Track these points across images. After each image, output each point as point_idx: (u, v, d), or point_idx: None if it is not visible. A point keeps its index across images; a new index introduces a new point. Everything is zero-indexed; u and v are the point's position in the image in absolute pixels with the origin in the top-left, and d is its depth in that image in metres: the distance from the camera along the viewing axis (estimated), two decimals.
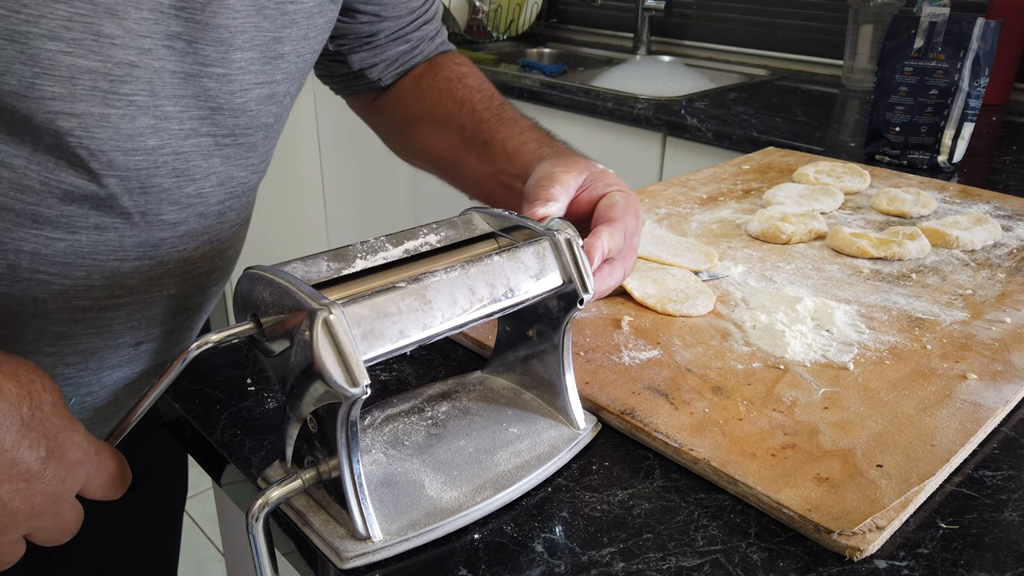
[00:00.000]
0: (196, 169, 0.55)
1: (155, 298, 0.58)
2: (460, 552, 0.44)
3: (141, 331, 0.59)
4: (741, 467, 0.48)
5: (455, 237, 0.50)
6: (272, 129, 0.61)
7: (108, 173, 0.50)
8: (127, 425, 0.47)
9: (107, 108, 0.48)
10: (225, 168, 0.58)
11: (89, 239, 0.52)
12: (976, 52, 1.05)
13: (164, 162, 0.53)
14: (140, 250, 0.55)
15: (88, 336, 0.56)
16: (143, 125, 0.50)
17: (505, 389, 0.57)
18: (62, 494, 0.44)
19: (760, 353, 0.61)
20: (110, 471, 0.47)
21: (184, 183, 0.55)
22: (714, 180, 1.01)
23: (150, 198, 0.53)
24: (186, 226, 0.57)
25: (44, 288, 0.52)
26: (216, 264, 0.62)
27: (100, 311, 0.55)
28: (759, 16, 1.95)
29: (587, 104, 1.61)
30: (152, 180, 0.53)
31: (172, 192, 0.54)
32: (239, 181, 0.60)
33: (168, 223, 0.55)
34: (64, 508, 0.45)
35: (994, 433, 0.54)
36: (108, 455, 0.47)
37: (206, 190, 0.57)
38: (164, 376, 0.44)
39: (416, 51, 0.78)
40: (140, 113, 0.50)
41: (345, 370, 0.38)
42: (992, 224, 0.83)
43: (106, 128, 0.49)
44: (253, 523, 0.42)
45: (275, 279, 0.41)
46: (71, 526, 0.46)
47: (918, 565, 0.42)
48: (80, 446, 0.45)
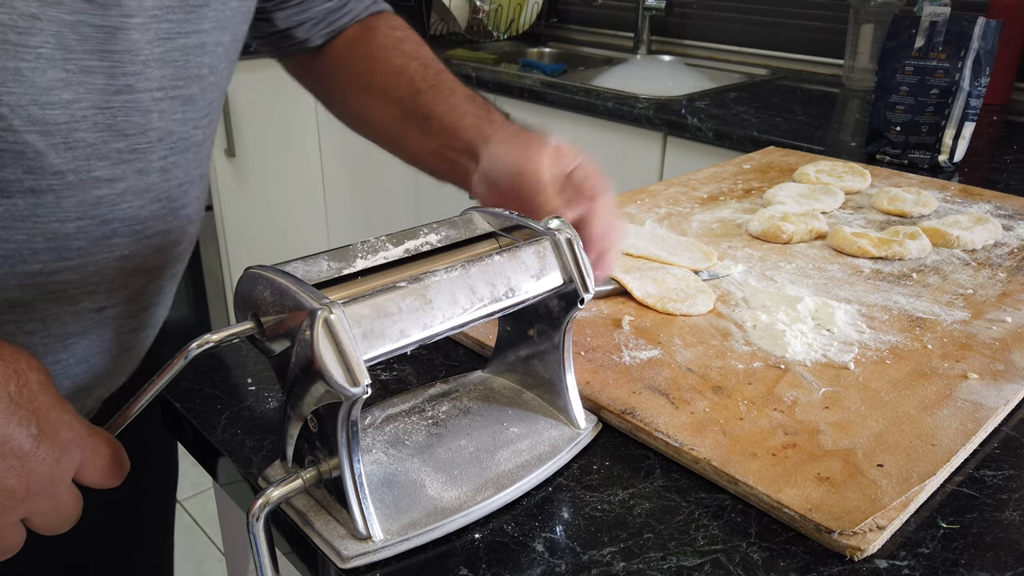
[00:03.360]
0: (127, 125, 0.54)
1: (107, 259, 0.57)
2: (461, 552, 0.44)
3: (100, 295, 0.58)
4: (742, 467, 0.48)
5: (455, 237, 0.50)
6: (208, 81, 0.59)
7: (29, 129, 0.49)
8: (126, 418, 0.46)
9: (19, 61, 0.47)
10: (163, 124, 0.56)
11: (26, 202, 0.52)
12: (977, 52, 1.05)
13: (84, 116, 0.52)
14: (80, 209, 0.54)
15: (44, 302, 0.55)
16: (55, 78, 0.49)
17: (506, 389, 0.57)
18: (57, 475, 0.44)
19: (761, 353, 0.61)
20: (105, 455, 0.46)
21: (113, 138, 0.54)
22: (715, 180, 1.01)
23: (77, 154, 0.52)
24: (125, 183, 0.56)
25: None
26: (170, 224, 0.61)
27: (50, 274, 0.55)
28: (760, 16, 1.95)
29: (587, 104, 1.61)
30: (75, 135, 0.52)
31: (100, 148, 0.53)
32: (180, 136, 0.59)
33: (104, 180, 0.54)
34: (60, 490, 0.44)
35: (995, 433, 0.54)
36: (102, 439, 0.46)
37: (143, 146, 0.56)
38: (164, 373, 0.44)
39: (345, 9, 0.76)
40: (49, 66, 0.49)
41: (346, 369, 0.38)
42: (993, 224, 0.83)
43: (21, 82, 0.48)
44: (254, 523, 0.42)
45: (275, 279, 0.41)
46: (70, 511, 0.46)
47: (919, 565, 0.42)
48: (71, 426, 0.45)
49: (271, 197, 2.35)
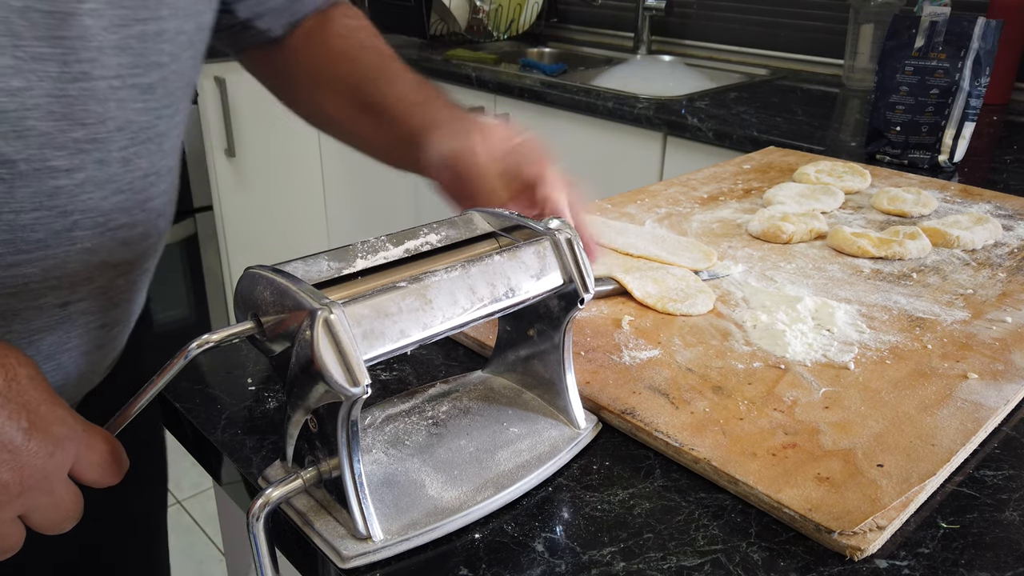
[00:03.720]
0: (84, 114, 0.53)
1: (68, 253, 0.56)
2: (461, 552, 0.44)
3: (63, 290, 0.57)
4: (742, 467, 0.48)
5: (455, 237, 0.50)
6: (169, 70, 0.58)
7: None
8: (125, 418, 0.46)
9: None
10: (122, 113, 0.55)
11: None
12: (977, 52, 1.05)
13: (37, 104, 0.50)
14: (36, 200, 0.53)
15: (3, 296, 0.54)
16: (3, 65, 0.48)
17: (506, 389, 0.57)
18: (51, 469, 0.43)
19: (761, 353, 0.61)
20: (102, 451, 0.46)
21: (69, 127, 0.53)
22: (715, 180, 1.01)
23: (29, 143, 0.51)
24: (84, 173, 0.54)
25: None
26: (136, 217, 0.60)
27: (8, 268, 0.54)
28: (760, 16, 1.95)
29: (587, 104, 1.61)
30: (25, 123, 0.50)
31: (56, 137, 0.52)
32: (141, 126, 0.57)
33: (60, 169, 0.53)
34: (57, 486, 0.44)
35: (995, 433, 0.54)
36: (98, 436, 0.46)
37: (102, 135, 0.55)
38: (164, 373, 0.44)
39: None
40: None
41: (346, 369, 0.38)
42: (993, 224, 0.83)
43: None
44: (254, 523, 0.42)
45: (275, 279, 0.41)
46: (69, 508, 0.45)
47: (919, 565, 0.42)
48: (65, 421, 0.44)
49: (271, 197, 2.35)
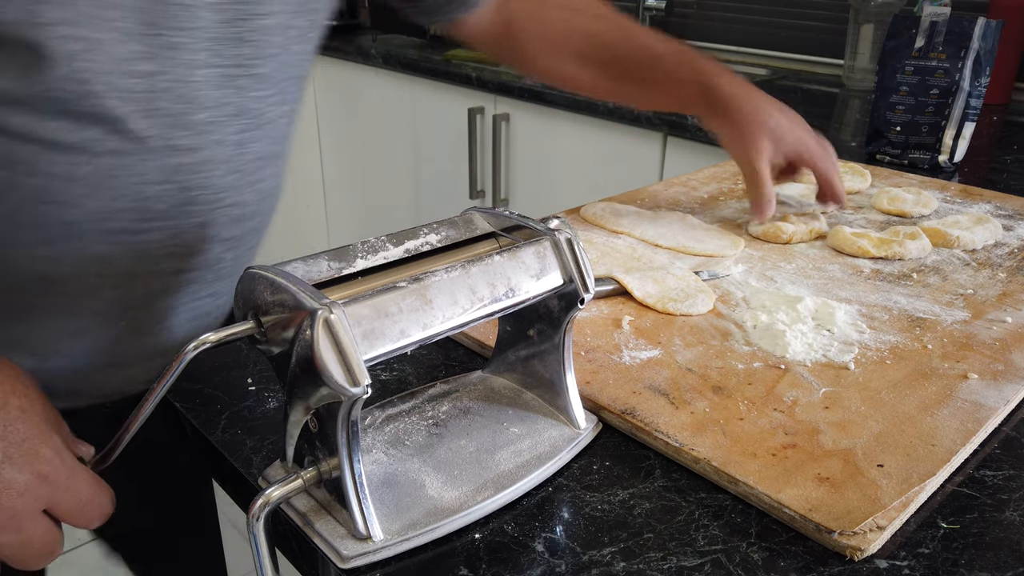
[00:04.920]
0: (206, 98, 0.58)
1: (187, 225, 0.61)
2: (461, 552, 0.44)
3: (179, 258, 0.62)
4: (742, 467, 0.48)
5: (456, 237, 0.50)
6: (279, 61, 0.63)
7: (111, 95, 0.53)
8: (123, 440, 0.46)
9: (100, 33, 0.51)
10: (239, 99, 0.60)
11: (110, 163, 0.55)
12: (977, 52, 1.05)
13: (165, 88, 0.55)
14: (162, 174, 0.58)
15: (127, 260, 0.59)
16: (134, 51, 0.53)
17: (506, 389, 0.57)
18: (21, 507, 0.43)
19: (761, 353, 0.61)
20: (81, 497, 0.46)
21: (192, 110, 0.57)
22: (715, 180, 1.01)
23: (157, 122, 0.56)
24: (203, 152, 0.59)
25: (77, 209, 0.56)
26: (247, 196, 0.65)
27: (133, 234, 0.58)
28: (760, 16, 1.95)
29: (588, 104, 1.61)
30: (155, 104, 0.55)
31: (180, 118, 0.57)
32: (255, 113, 0.62)
33: (183, 148, 0.58)
34: (26, 524, 0.44)
35: (995, 433, 0.54)
36: (81, 479, 0.46)
37: (219, 119, 0.60)
38: (162, 380, 0.44)
39: None
40: (129, 39, 0.52)
41: (346, 370, 0.38)
42: (993, 224, 0.83)
43: (101, 51, 0.51)
44: (254, 523, 0.42)
45: (275, 279, 0.41)
46: (42, 547, 0.45)
47: (919, 565, 0.42)
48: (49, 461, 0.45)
49: None
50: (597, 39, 0.81)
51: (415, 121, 2.09)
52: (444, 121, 1.98)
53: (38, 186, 0.54)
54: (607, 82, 0.84)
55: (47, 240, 0.56)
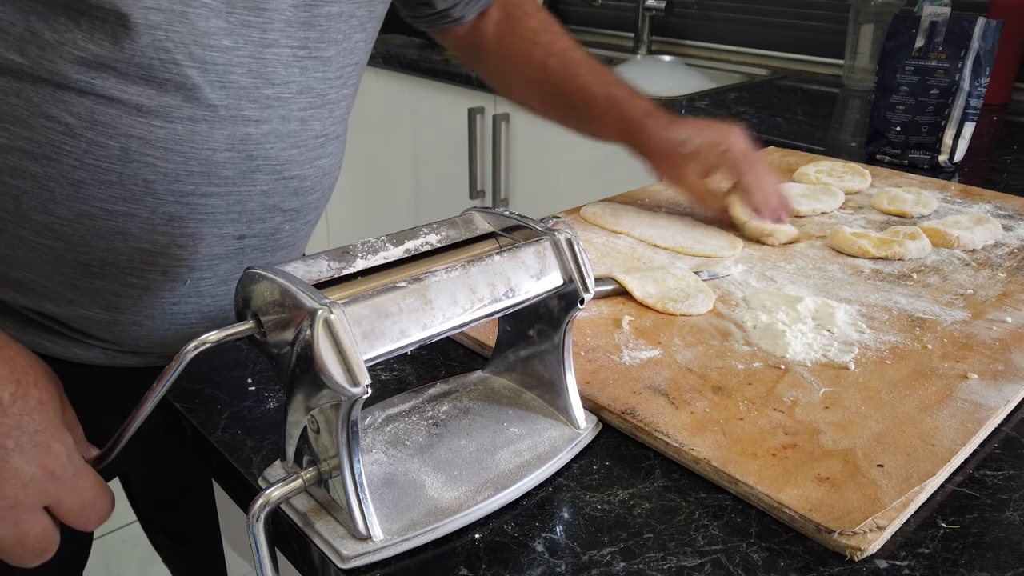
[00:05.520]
0: (275, 75, 0.63)
1: (250, 192, 0.65)
2: (461, 552, 0.44)
3: (242, 224, 0.66)
4: (742, 467, 0.48)
5: (456, 237, 0.50)
6: (342, 47, 0.68)
7: (190, 65, 0.58)
8: (122, 438, 0.46)
9: (186, 7, 0.56)
10: (304, 79, 0.65)
11: (184, 128, 0.60)
12: (977, 52, 1.05)
13: (240, 62, 0.60)
14: (229, 142, 0.62)
15: (194, 221, 0.64)
16: (216, 26, 0.58)
17: (506, 389, 0.57)
18: (22, 500, 0.43)
19: (761, 353, 0.61)
20: (84, 498, 0.46)
21: (263, 85, 0.62)
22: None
23: (230, 93, 0.60)
24: (269, 125, 0.64)
25: (151, 170, 0.60)
26: (307, 171, 0.69)
27: (201, 197, 0.63)
28: (760, 16, 1.95)
29: None
30: (229, 77, 0.60)
31: (251, 91, 0.62)
32: (318, 93, 0.67)
33: (251, 119, 0.63)
34: (24, 518, 0.44)
35: (995, 433, 0.54)
36: (87, 481, 0.46)
37: (286, 95, 0.64)
38: (162, 380, 0.43)
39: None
40: (213, 15, 0.57)
41: (346, 370, 0.38)
42: (993, 224, 0.83)
43: (185, 24, 0.56)
44: (254, 523, 0.42)
45: (276, 279, 0.41)
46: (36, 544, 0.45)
47: (919, 565, 0.42)
48: (58, 457, 0.45)
49: None
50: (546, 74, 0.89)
51: (415, 121, 2.09)
52: (444, 121, 1.98)
53: (119, 147, 0.58)
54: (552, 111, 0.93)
55: (124, 198, 0.60)
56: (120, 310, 0.66)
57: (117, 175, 0.59)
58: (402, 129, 2.13)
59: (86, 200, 0.59)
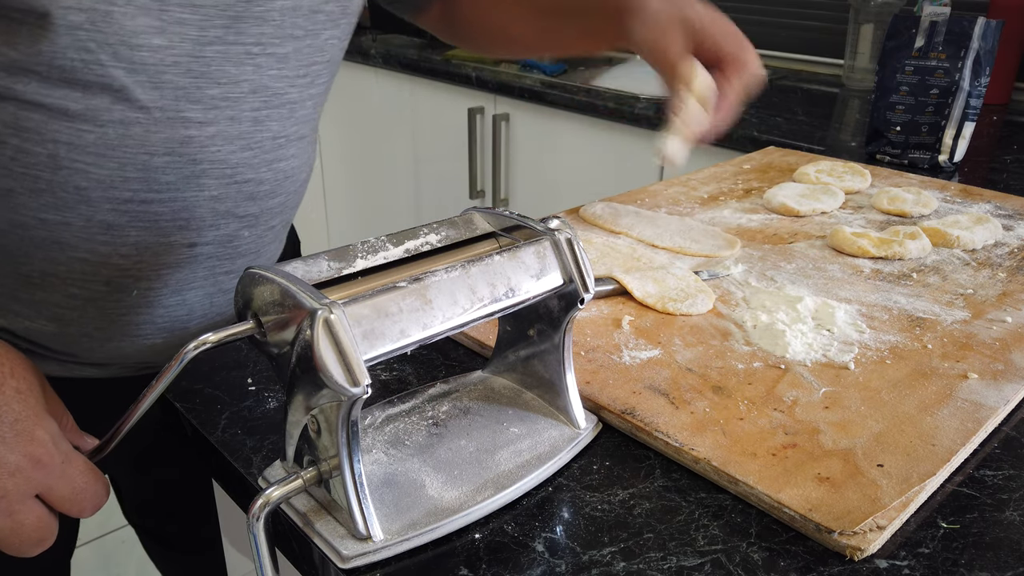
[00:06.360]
0: (221, 74, 0.59)
1: (197, 198, 0.61)
2: (461, 552, 0.44)
3: (191, 231, 0.63)
4: (742, 467, 0.48)
5: (456, 237, 0.50)
6: (304, 43, 0.64)
7: (116, 66, 0.54)
8: (120, 431, 0.46)
9: (110, 5, 0.52)
10: (257, 77, 0.61)
11: (116, 132, 0.56)
12: (977, 51, 1.05)
13: (176, 62, 0.56)
14: (168, 146, 0.58)
15: (136, 229, 0.60)
16: (145, 24, 0.54)
17: (506, 389, 0.57)
18: (11, 490, 0.43)
19: (761, 352, 0.61)
20: (75, 485, 0.46)
21: (205, 84, 0.58)
22: (715, 180, 1.01)
23: (165, 94, 0.57)
24: (215, 127, 0.60)
25: (83, 176, 0.57)
26: (263, 174, 0.65)
27: (141, 204, 0.59)
28: (759, 16, 1.95)
29: (588, 104, 1.61)
30: (163, 77, 0.56)
31: (191, 91, 0.58)
32: (274, 92, 0.63)
33: (193, 121, 0.59)
34: (17, 508, 0.44)
35: (995, 433, 0.54)
36: (76, 467, 0.46)
37: (235, 95, 0.60)
38: (161, 378, 0.44)
39: None
40: (140, 13, 0.53)
41: (346, 370, 0.38)
42: (993, 224, 0.83)
43: (110, 23, 0.53)
44: (254, 523, 0.42)
45: (275, 279, 0.41)
46: (32, 533, 0.45)
47: (919, 565, 0.42)
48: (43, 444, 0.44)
49: None
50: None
51: (415, 121, 2.09)
52: (444, 121, 1.98)
53: (47, 153, 0.55)
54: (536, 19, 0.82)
55: (56, 206, 0.57)
56: (66, 322, 0.63)
57: (47, 183, 0.56)
58: (402, 129, 2.13)
59: (17, 209, 0.57)
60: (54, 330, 0.63)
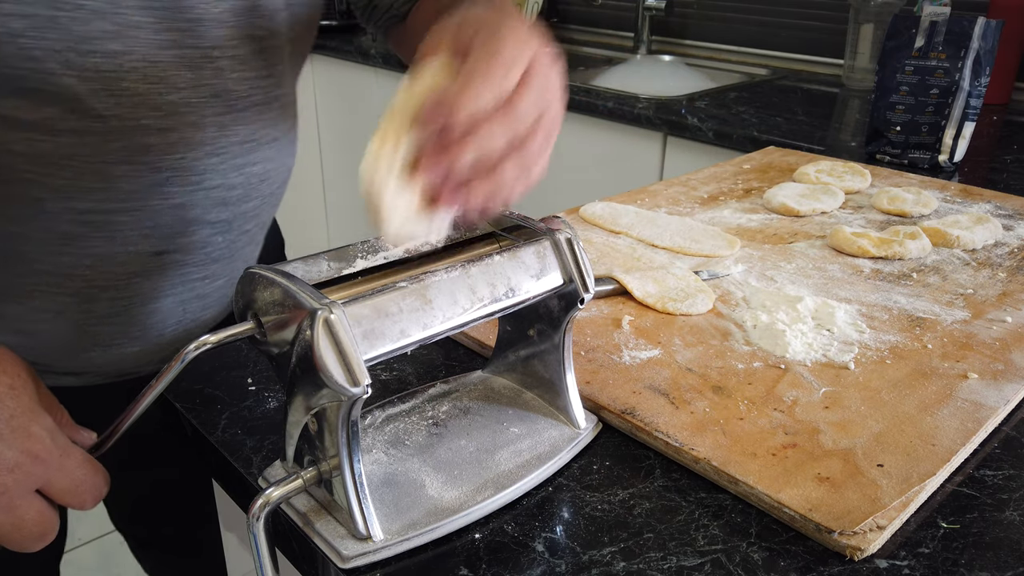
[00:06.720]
0: (179, 79, 0.56)
1: (161, 206, 0.59)
2: (461, 552, 0.44)
3: (157, 239, 0.61)
4: (742, 467, 0.48)
5: (456, 237, 0.50)
6: (265, 44, 0.61)
7: (67, 74, 0.52)
8: (120, 427, 0.46)
9: (56, 11, 0.50)
10: (218, 80, 0.58)
11: (70, 141, 0.54)
12: (977, 51, 1.05)
13: (133, 67, 0.54)
14: (126, 154, 0.56)
15: (98, 239, 0.58)
16: (98, 29, 0.51)
17: (506, 389, 0.57)
18: (11, 486, 0.43)
19: (761, 352, 0.61)
20: (74, 477, 0.46)
21: (164, 91, 0.56)
22: (715, 180, 1.01)
23: (122, 101, 0.54)
24: (177, 134, 0.58)
25: (39, 187, 0.55)
26: (233, 179, 0.63)
27: (102, 213, 0.57)
28: (760, 15, 1.95)
29: (588, 104, 1.60)
30: (120, 84, 0.54)
31: (149, 98, 0.55)
32: (239, 95, 0.60)
33: (152, 129, 0.56)
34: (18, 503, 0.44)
35: (995, 432, 0.54)
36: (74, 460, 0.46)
37: (195, 100, 0.58)
38: (161, 377, 0.44)
39: None
40: (94, 17, 0.51)
41: (346, 369, 0.38)
42: (993, 223, 0.83)
43: (56, 29, 0.50)
44: (254, 523, 0.42)
45: (276, 279, 0.41)
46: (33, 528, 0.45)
47: (919, 564, 0.42)
48: (40, 440, 0.44)
49: None
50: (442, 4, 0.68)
51: None
52: None
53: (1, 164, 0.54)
54: None
55: (13, 218, 0.56)
56: (34, 335, 0.62)
57: (3, 194, 0.55)
58: None
59: None
60: (23, 343, 0.61)
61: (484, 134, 0.40)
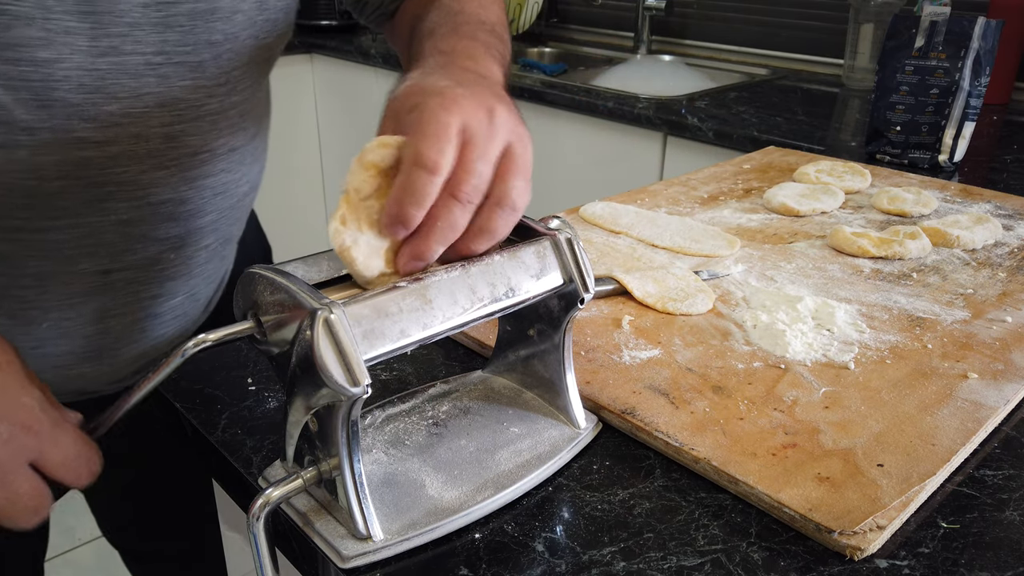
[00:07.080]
0: (120, 88, 0.53)
1: (103, 223, 0.56)
2: (461, 551, 0.44)
3: (101, 258, 0.57)
4: (742, 466, 0.48)
5: None
6: (223, 48, 0.57)
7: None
8: (112, 418, 0.46)
9: None
10: (164, 89, 0.55)
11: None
12: (977, 51, 1.05)
13: (67, 76, 0.50)
14: (62, 169, 0.53)
15: (35, 259, 0.55)
16: (25, 36, 0.48)
17: (506, 388, 0.57)
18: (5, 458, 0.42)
19: (761, 352, 0.61)
20: (67, 450, 0.45)
21: (102, 100, 0.53)
22: (715, 179, 1.01)
23: (54, 112, 0.51)
24: (118, 147, 0.54)
25: None
26: (184, 193, 0.59)
27: (36, 232, 0.54)
28: (760, 15, 1.95)
29: (588, 104, 1.60)
30: (52, 95, 0.51)
31: (85, 109, 0.52)
32: (189, 104, 0.57)
33: (90, 141, 0.53)
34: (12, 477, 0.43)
35: (995, 432, 0.54)
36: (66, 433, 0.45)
37: (139, 110, 0.54)
38: (158, 371, 0.43)
39: None
40: (20, 24, 0.48)
41: (346, 369, 0.38)
42: (993, 223, 0.83)
43: None
44: (254, 523, 0.42)
45: (275, 279, 0.41)
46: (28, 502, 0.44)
47: (919, 564, 0.42)
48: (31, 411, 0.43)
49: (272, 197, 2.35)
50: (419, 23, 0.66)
51: None
52: None
53: None
54: None
55: None
56: None
57: None
58: None
59: None
60: None
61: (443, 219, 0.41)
